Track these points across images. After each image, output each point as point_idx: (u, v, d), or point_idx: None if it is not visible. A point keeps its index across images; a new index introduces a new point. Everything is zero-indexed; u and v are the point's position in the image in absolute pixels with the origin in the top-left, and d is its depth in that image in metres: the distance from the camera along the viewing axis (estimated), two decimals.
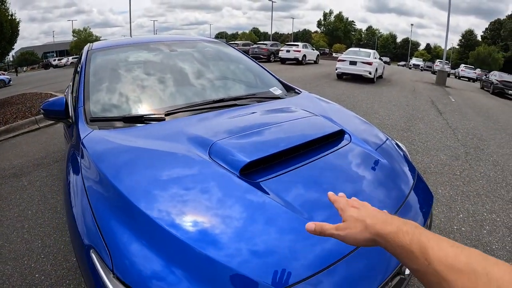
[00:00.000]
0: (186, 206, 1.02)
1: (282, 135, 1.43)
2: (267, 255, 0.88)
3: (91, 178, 1.19)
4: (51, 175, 3.63)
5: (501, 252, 2.38)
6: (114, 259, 0.87)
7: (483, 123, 7.26)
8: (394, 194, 1.29)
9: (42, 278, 2.02)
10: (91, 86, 1.83)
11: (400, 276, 1.07)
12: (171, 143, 1.36)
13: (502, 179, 3.86)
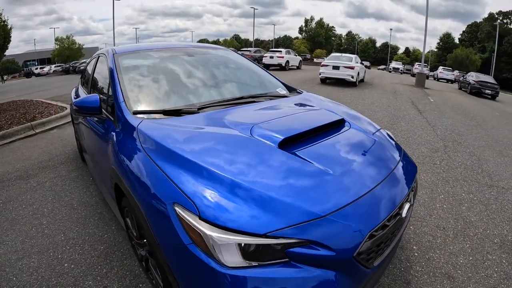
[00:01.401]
0: (244, 165, 1.44)
1: (300, 121, 1.92)
2: (311, 189, 1.35)
3: (158, 153, 1.52)
4: (60, 176, 3.76)
5: (479, 223, 2.84)
6: (199, 207, 1.21)
7: (461, 120, 7.91)
8: (388, 162, 1.74)
9: (72, 267, 2.19)
10: (126, 85, 2.17)
11: (399, 217, 1.49)
12: (215, 127, 1.75)
13: (478, 167, 4.37)
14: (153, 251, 1.48)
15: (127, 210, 1.87)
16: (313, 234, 1.19)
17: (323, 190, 1.36)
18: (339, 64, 13.32)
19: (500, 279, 2.11)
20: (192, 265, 1.22)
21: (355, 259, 1.26)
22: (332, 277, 1.21)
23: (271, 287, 1.15)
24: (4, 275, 2.14)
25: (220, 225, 1.17)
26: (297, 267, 1.18)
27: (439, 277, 2.10)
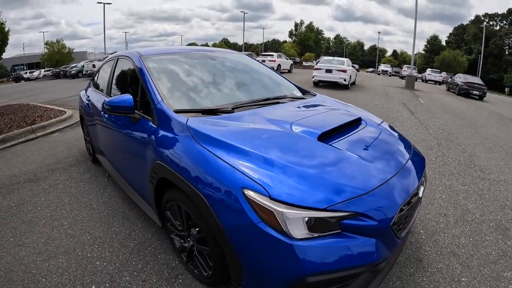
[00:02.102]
0: (295, 154, 1.69)
1: (328, 120, 2.24)
2: (353, 172, 1.64)
3: (215, 146, 1.71)
4: (72, 178, 3.80)
5: (475, 211, 3.14)
6: (268, 189, 1.44)
7: (451, 120, 8.32)
8: (404, 152, 2.07)
9: (104, 265, 2.25)
10: (160, 86, 2.35)
11: (417, 196, 1.80)
12: (255, 124, 2.00)
13: (470, 162, 4.71)
14: (210, 237, 1.68)
15: (170, 203, 2.04)
16: (360, 208, 1.47)
17: (361, 173, 1.66)
18: (332, 67, 13.77)
19: (498, 256, 2.41)
20: (260, 241, 1.44)
21: (391, 228, 1.55)
22: (373, 244, 1.49)
23: (329, 253, 1.41)
24: (31, 277, 2.15)
25: (289, 203, 1.41)
26: (348, 236, 1.45)
27: (446, 255, 2.39)
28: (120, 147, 2.78)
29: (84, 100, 3.99)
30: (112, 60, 3.41)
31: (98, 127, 3.37)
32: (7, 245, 2.52)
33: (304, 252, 1.39)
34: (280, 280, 1.45)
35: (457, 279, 2.13)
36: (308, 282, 1.41)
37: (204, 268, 1.90)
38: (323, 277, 1.42)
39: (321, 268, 1.40)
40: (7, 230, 2.73)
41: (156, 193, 2.14)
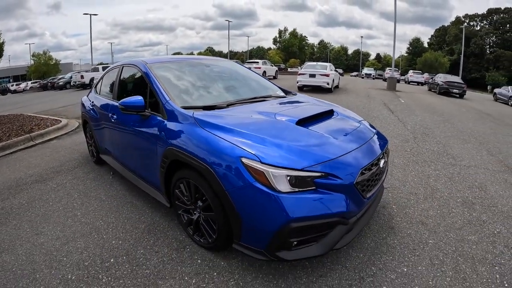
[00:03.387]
0: (279, 133, 2.18)
1: (305, 110, 2.73)
2: (324, 145, 2.12)
3: (218, 130, 2.16)
4: (78, 177, 4.09)
5: (444, 190, 3.60)
6: (259, 157, 1.90)
7: (429, 117, 8.89)
8: (368, 133, 2.56)
9: (120, 243, 2.58)
10: (167, 87, 2.78)
11: (378, 166, 2.28)
12: (249, 114, 2.50)
13: (443, 151, 5.20)
14: (215, 203, 2.09)
15: (179, 182, 2.43)
16: (329, 169, 1.94)
17: (331, 146, 2.14)
18: (315, 72, 14.41)
19: (463, 224, 2.85)
20: (255, 196, 1.86)
21: (354, 186, 2.00)
22: (342, 198, 1.96)
23: (307, 203, 1.85)
24: (53, 258, 2.43)
25: (274, 165, 1.87)
26: (322, 192, 1.91)
27: (415, 224, 2.82)
28: (130, 142, 3.16)
29: (88, 105, 4.35)
30: (116, 68, 3.82)
31: (105, 129, 3.74)
32: (25, 235, 2.78)
33: (288, 202, 1.82)
34: (271, 227, 1.85)
35: (425, 241, 2.55)
36: (292, 228, 1.82)
37: (209, 234, 2.30)
38: (303, 223, 1.84)
39: (301, 214, 1.82)
40: (23, 223, 2.98)
41: (166, 176, 2.54)
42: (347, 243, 2.07)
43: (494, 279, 2.11)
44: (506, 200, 3.34)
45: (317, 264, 2.25)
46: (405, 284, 2.05)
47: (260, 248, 1.95)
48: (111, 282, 2.15)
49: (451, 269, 2.20)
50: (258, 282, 2.10)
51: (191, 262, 2.32)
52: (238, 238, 2.04)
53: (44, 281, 2.17)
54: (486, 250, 2.43)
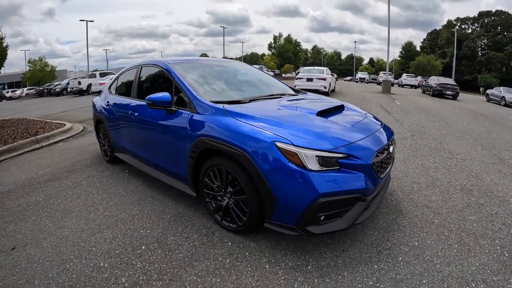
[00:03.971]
0: (304, 121, 2.48)
1: (320, 105, 3.05)
2: (344, 131, 2.44)
3: (251, 120, 2.42)
4: (93, 176, 4.17)
5: (444, 179, 3.88)
6: (291, 140, 2.16)
7: (425, 117, 9.25)
8: (376, 125, 2.82)
9: (148, 232, 2.69)
10: (193, 84, 3.02)
11: (388, 151, 2.56)
12: (273, 107, 2.82)
13: (440, 147, 5.49)
14: (248, 186, 2.31)
15: (210, 170, 2.63)
16: (350, 151, 2.22)
17: (349, 132, 2.45)
18: (312, 76, 14.89)
19: (463, 207, 3.12)
20: (288, 175, 2.10)
21: (371, 166, 2.27)
22: (362, 176, 2.22)
23: (333, 180, 2.12)
24: (80, 248, 2.49)
25: (305, 147, 2.13)
26: (344, 171, 2.17)
27: (420, 207, 3.10)
28: (153, 137, 3.34)
29: (102, 106, 4.54)
30: (134, 69, 4.04)
31: (123, 127, 3.93)
32: (47, 229, 2.84)
33: (317, 179, 2.07)
34: (302, 202, 2.08)
35: (431, 221, 2.82)
36: (320, 202, 2.06)
37: (239, 218, 2.51)
38: (330, 198, 2.08)
39: (329, 190, 2.08)
40: (43, 218, 3.04)
41: (194, 166, 2.75)
42: (365, 219, 2.33)
43: (495, 250, 2.37)
44: (501, 187, 3.62)
45: (338, 241, 2.50)
46: (418, 255, 2.31)
47: (291, 224, 2.18)
48: (146, 266, 2.26)
49: (456, 243, 2.46)
50: (287, 258, 2.31)
51: (222, 245, 2.49)
52: (270, 217, 2.26)
53: (76, 270, 2.25)
54: (486, 227, 2.70)
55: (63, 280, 2.14)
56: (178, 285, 2.06)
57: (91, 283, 2.10)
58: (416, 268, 2.16)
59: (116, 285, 2.08)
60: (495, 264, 2.20)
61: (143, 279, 2.12)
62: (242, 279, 2.10)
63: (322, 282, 2.05)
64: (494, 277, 2.06)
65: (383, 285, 2.00)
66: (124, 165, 4.47)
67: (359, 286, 1.99)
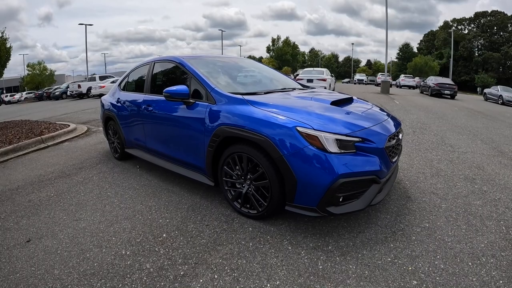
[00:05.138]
0: (322, 110, 2.61)
1: (332, 96, 3.21)
2: (358, 119, 2.61)
3: (272, 108, 2.58)
4: (103, 172, 4.25)
5: (447, 170, 4.03)
6: (311, 125, 2.31)
7: (424, 115, 9.44)
8: (384, 114, 2.97)
9: (167, 221, 2.78)
10: (209, 77, 3.17)
11: (397, 138, 2.72)
12: (288, 97, 3.00)
13: (441, 141, 5.67)
14: (270, 171, 2.43)
15: (230, 157, 2.74)
16: (365, 135, 2.39)
17: (363, 119, 2.62)
18: (313, 77, 15.11)
19: (468, 193, 3.28)
20: (310, 157, 2.24)
21: (384, 150, 2.43)
22: (376, 159, 2.39)
23: (351, 162, 2.27)
24: (99, 238, 2.53)
25: (325, 131, 2.29)
26: (360, 154, 2.33)
27: (427, 194, 3.26)
28: (170, 130, 3.46)
29: (112, 103, 4.66)
30: (146, 65, 4.17)
31: (136, 121, 4.05)
32: (62, 222, 2.88)
33: (337, 161, 2.22)
34: (323, 183, 2.21)
35: (438, 205, 2.98)
36: (340, 183, 2.20)
37: (260, 203, 2.63)
38: (348, 179, 2.23)
39: (347, 171, 2.22)
40: (57, 212, 3.08)
41: (214, 155, 2.86)
42: (380, 200, 2.48)
43: (501, 230, 2.52)
44: (502, 176, 3.79)
45: (354, 224, 2.65)
46: (429, 235, 2.46)
47: (312, 205, 2.31)
48: (169, 252, 2.32)
49: (464, 224, 2.62)
50: (308, 240, 2.44)
51: (243, 230, 2.60)
52: (292, 199, 2.39)
53: (97, 259, 2.28)
54: (490, 211, 2.86)
55: (84, 269, 2.18)
56: (204, 267, 2.14)
57: (114, 270, 2.15)
58: (430, 246, 2.30)
59: (141, 270, 2.13)
60: (502, 241, 2.35)
61: (168, 263, 2.19)
62: (267, 260, 2.21)
63: (343, 260, 2.17)
64: (502, 252, 2.21)
65: (401, 260, 2.14)
66: (135, 161, 4.58)
67: (378, 262, 2.12)
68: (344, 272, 2.04)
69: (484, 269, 2.03)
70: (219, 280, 2.02)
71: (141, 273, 2.11)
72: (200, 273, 2.09)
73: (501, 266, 2.06)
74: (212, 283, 1.98)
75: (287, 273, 2.04)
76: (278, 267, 2.12)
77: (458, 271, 2.01)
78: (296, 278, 1.99)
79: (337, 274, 2.01)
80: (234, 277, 2.04)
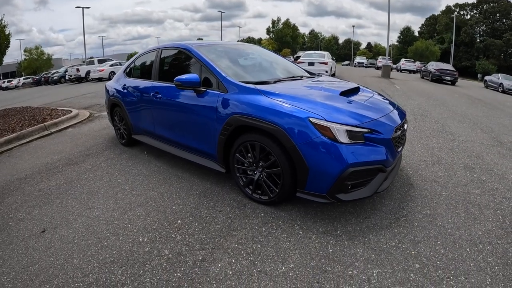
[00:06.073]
0: (332, 101, 2.74)
1: (341, 86, 3.29)
2: (366, 109, 2.72)
3: (283, 98, 2.68)
4: (111, 158, 4.31)
5: (448, 158, 4.19)
6: (324, 116, 2.42)
7: (425, 101, 9.56)
8: (391, 105, 3.10)
9: (180, 207, 2.89)
10: (220, 65, 3.24)
11: (403, 128, 2.85)
12: (298, 87, 3.11)
13: (442, 128, 5.83)
14: (282, 158, 2.54)
15: (243, 145, 2.85)
16: (373, 127, 2.52)
17: (371, 110, 2.72)
18: (314, 60, 15.10)
19: (467, 182, 3.45)
20: (321, 147, 2.36)
21: (391, 140, 2.57)
22: (383, 149, 2.52)
23: (360, 152, 2.40)
24: (115, 226, 2.61)
25: (337, 122, 2.41)
26: (368, 144, 2.46)
27: (429, 181, 3.43)
28: (180, 117, 3.54)
29: (118, 89, 4.70)
30: (153, 52, 4.21)
31: (144, 108, 4.12)
32: (75, 211, 2.94)
33: (347, 151, 2.36)
34: (334, 172, 2.35)
35: (439, 193, 3.14)
36: (349, 172, 2.35)
37: (271, 190, 2.77)
38: (357, 168, 2.37)
39: (356, 160, 2.36)
40: (69, 201, 3.14)
41: (228, 142, 2.96)
42: (386, 188, 2.64)
43: (498, 219, 2.70)
44: (500, 166, 3.95)
45: (360, 210, 2.81)
46: (431, 221, 2.63)
47: (322, 192, 2.46)
48: (186, 238, 2.43)
49: (463, 212, 2.79)
50: (318, 225, 2.60)
51: (255, 216, 2.74)
52: (303, 186, 2.53)
53: (115, 246, 2.36)
54: (488, 200, 3.03)
55: (104, 257, 2.25)
56: (221, 252, 2.28)
57: (134, 257, 2.24)
58: (431, 232, 2.48)
59: (160, 257, 2.23)
60: (498, 230, 2.52)
61: (186, 249, 2.31)
62: (280, 244, 2.36)
63: (351, 244, 2.35)
64: (498, 240, 2.39)
65: (405, 245, 2.32)
66: (142, 147, 4.67)
67: (384, 247, 2.30)
68: (352, 255, 2.21)
69: (481, 255, 2.20)
70: (236, 264, 2.16)
71: (160, 259, 2.22)
72: (217, 258, 2.22)
73: (497, 253, 2.24)
74: (230, 267, 2.13)
75: (300, 257, 2.21)
76: (291, 250, 2.28)
77: (457, 256, 2.19)
78: (309, 261, 2.17)
79: (346, 257, 2.19)
80: (250, 260, 2.19)
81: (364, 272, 2.05)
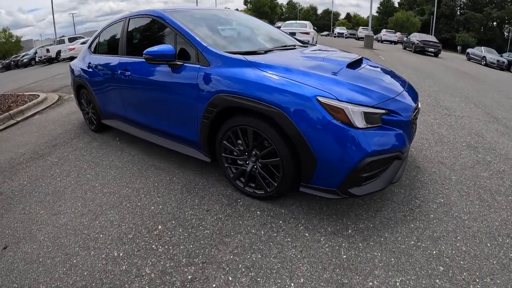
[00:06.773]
0: (342, 75, 2.28)
1: (345, 57, 2.86)
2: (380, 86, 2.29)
3: (283, 72, 2.20)
4: (79, 148, 3.90)
5: (449, 136, 3.99)
6: (335, 95, 1.99)
7: (413, 73, 9.41)
8: (402, 81, 2.71)
9: (160, 208, 2.49)
10: (198, 33, 2.71)
11: (418, 108, 2.52)
12: (296, 58, 2.65)
13: (436, 103, 5.65)
14: (282, 147, 2.13)
15: (231, 131, 2.41)
16: (392, 107, 2.14)
17: (386, 87, 2.32)
18: (296, 30, 14.52)
19: (473, 163, 3.24)
20: (333, 134, 1.95)
21: (410, 122, 2.23)
22: (401, 133, 2.15)
23: (378, 138, 2.02)
24: (85, 237, 2.22)
25: (352, 102, 1.99)
26: (385, 128, 2.08)
27: (436, 163, 3.20)
28: (154, 98, 3.03)
29: (83, 68, 4.17)
30: (119, 22, 3.66)
31: (112, 89, 3.61)
32: (40, 218, 2.54)
33: (364, 138, 1.96)
34: (348, 164, 1.97)
35: (449, 177, 2.91)
36: (366, 162, 1.97)
37: (268, 183, 2.36)
38: (375, 157, 2.01)
39: (375, 148, 1.98)
40: (32, 205, 2.74)
41: (214, 126, 2.51)
42: (399, 177, 2.29)
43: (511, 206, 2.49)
44: (502, 145, 3.77)
45: (370, 202, 2.51)
46: (446, 212, 2.39)
47: (332, 187, 2.08)
48: (170, 250, 2.05)
49: (477, 199, 2.57)
50: (325, 223, 2.26)
51: (250, 215, 2.36)
52: (308, 180, 2.14)
53: (86, 265, 1.98)
54: (498, 184, 2.82)
55: (74, 280, 1.88)
56: (215, 267, 1.90)
57: (109, 279, 1.86)
58: (448, 225, 2.23)
59: (140, 277, 1.85)
60: None
61: (170, 266, 1.92)
62: (284, 251, 2.01)
63: (367, 246, 2.04)
64: None
65: (424, 243, 2.05)
66: (113, 133, 4.26)
67: (402, 247, 2.02)
68: (370, 260, 1.92)
69: (502, 251, 1.99)
70: (235, 283, 1.80)
71: (141, 280, 1.83)
72: (211, 276, 1.85)
73: None
74: None
75: (310, 267, 1.88)
76: (299, 260, 1.94)
77: (479, 253, 1.96)
78: (321, 273, 1.84)
79: (364, 264, 1.89)
80: (251, 277, 1.83)
81: (386, 282, 1.76)
